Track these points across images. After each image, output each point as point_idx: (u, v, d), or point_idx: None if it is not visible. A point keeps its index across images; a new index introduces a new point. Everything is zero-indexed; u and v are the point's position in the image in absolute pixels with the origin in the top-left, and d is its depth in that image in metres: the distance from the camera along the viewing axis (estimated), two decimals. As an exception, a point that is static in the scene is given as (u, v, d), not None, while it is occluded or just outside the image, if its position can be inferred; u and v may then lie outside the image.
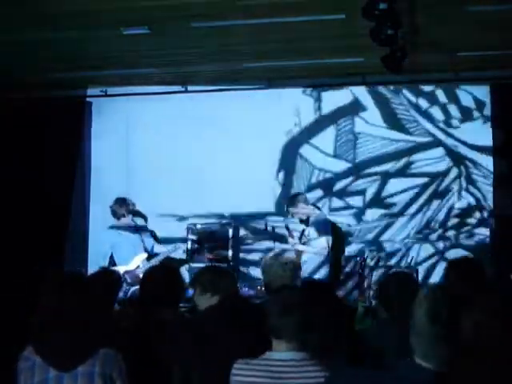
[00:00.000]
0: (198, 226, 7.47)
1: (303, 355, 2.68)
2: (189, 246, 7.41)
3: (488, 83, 7.23)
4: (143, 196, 7.76)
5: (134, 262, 6.92)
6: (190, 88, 7.83)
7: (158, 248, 7.26)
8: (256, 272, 7.04)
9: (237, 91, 7.75)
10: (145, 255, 7.01)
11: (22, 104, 7.93)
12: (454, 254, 7.16)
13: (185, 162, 7.90)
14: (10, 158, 7.80)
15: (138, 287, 6.67)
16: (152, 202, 7.82)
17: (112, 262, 7.03)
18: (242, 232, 7.66)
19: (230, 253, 7.47)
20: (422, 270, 7.15)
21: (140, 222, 7.30)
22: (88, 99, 8.18)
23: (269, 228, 7.37)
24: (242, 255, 7.66)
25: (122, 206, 7.08)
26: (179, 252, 7.25)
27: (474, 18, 5.49)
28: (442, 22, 5.55)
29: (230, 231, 7.52)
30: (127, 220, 7.10)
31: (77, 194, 8.10)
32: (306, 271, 6.37)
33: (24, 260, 7.31)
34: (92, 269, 6.62)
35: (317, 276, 6.21)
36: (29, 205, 7.71)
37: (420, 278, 6.89)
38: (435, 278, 7.11)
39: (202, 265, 7.24)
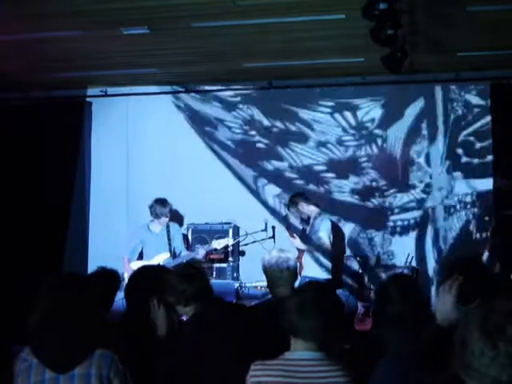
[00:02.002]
0: (199, 226, 7.47)
1: (321, 355, 2.68)
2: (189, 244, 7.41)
3: (488, 83, 7.24)
4: (143, 196, 7.75)
5: (154, 260, 6.91)
6: (189, 88, 7.83)
7: (184, 253, 7.19)
8: (257, 271, 7.04)
9: (237, 91, 7.76)
10: (167, 255, 6.97)
11: (22, 104, 7.94)
12: (454, 254, 7.20)
13: (185, 162, 7.90)
14: (10, 158, 7.80)
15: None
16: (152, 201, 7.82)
17: (140, 258, 7.04)
18: (242, 231, 7.65)
19: (230, 252, 7.48)
20: (421, 269, 7.15)
21: (173, 225, 7.24)
22: (88, 99, 8.18)
23: (269, 227, 7.37)
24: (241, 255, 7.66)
25: (159, 206, 7.03)
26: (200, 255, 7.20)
27: (474, 18, 5.49)
28: (442, 22, 5.55)
29: (230, 231, 7.52)
30: (161, 221, 7.05)
31: (77, 194, 8.10)
32: (306, 271, 6.37)
33: (24, 260, 7.33)
34: (92, 269, 6.60)
35: (317, 276, 6.20)
36: (29, 205, 7.71)
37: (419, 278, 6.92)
38: (435, 277, 7.12)
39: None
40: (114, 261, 7.07)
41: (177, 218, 7.55)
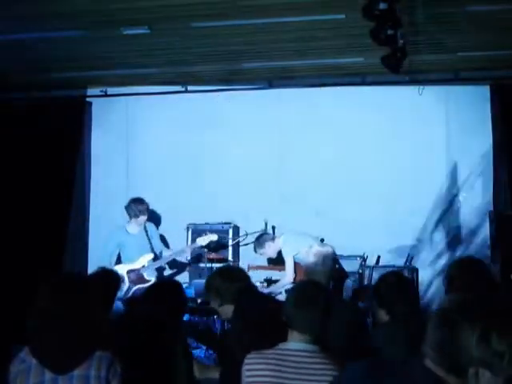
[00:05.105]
0: (198, 226, 7.48)
1: (315, 348, 2.72)
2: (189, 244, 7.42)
3: (488, 83, 7.23)
4: (143, 196, 7.76)
5: (139, 262, 6.93)
6: (189, 88, 7.83)
7: (166, 252, 7.26)
8: (256, 271, 7.06)
9: (237, 91, 7.76)
10: (151, 255, 7.02)
11: (22, 104, 7.93)
12: (454, 253, 7.20)
13: (185, 162, 7.91)
14: (10, 158, 7.80)
15: (140, 286, 6.79)
16: (152, 201, 7.82)
17: (118, 261, 7.05)
18: (242, 231, 7.66)
19: (230, 253, 7.49)
20: (421, 269, 7.15)
21: (149, 224, 7.29)
22: (88, 99, 8.19)
23: (269, 227, 7.39)
24: (242, 255, 7.66)
25: (136, 204, 7.08)
26: (184, 255, 7.23)
27: (474, 18, 5.49)
28: (442, 22, 5.55)
29: (230, 231, 7.52)
30: (139, 220, 7.09)
31: (77, 193, 8.10)
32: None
33: (24, 260, 7.33)
34: (92, 269, 6.60)
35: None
36: (29, 205, 7.71)
37: (419, 278, 6.92)
38: (435, 277, 7.12)
39: (201, 265, 7.31)
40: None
41: (153, 218, 7.57)
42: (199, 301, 6.44)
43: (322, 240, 6.75)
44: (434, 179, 7.42)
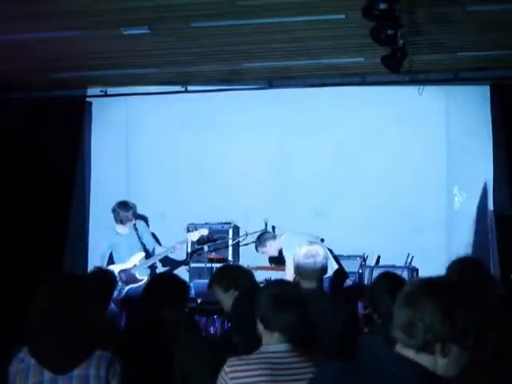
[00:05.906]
0: (198, 226, 7.48)
1: (292, 346, 2.72)
2: (189, 245, 7.43)
3: (488, 83, 7.23)
4: (143, 196, 7.78)
5: (130, 261, 6.93)
6: (189, 88, 7.83)
7: (158, 249, 7.28)
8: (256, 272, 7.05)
9: (237, 91, 7.76)
10: (142, 254, 7.03)
11: (22, 104, 7.94)
12: (454, 254, 7.19)
13: (185, 162, 7.91)
14: (10, 158, 7.79)
15: (132, 286, 6.78)
16: (152, 201, 7.83)
17: (110, 262, 7.04)
18: (242, 231, 7.66)
19: (230, 253, 7.49)
20: (421, 269, 7.15)
21: (139, 223, 7.30)
22: (88, 99, 8.19)
23: (269, 227, 7.39)
24: (242, 255, 7.66)
25: (125, 210, 7.06)
26: (178, 252, 7.25)
27: (474, 18, 5.49)
28: (442, 22, 5.54)
29: (230, 231, 7.53)
30: (125, 225, 7.09)
31: (77, 194, 8.10)
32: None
33: (24, 260, 7.32)
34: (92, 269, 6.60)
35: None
36: (29, 205, 7.71)
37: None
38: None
39: (201, 265, 7.31)
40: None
41: (141, 216, 7.58)
42: (199, 301, 6.44)
43: (322, 240, 6.74)
44: (433, 179, 7.42)
